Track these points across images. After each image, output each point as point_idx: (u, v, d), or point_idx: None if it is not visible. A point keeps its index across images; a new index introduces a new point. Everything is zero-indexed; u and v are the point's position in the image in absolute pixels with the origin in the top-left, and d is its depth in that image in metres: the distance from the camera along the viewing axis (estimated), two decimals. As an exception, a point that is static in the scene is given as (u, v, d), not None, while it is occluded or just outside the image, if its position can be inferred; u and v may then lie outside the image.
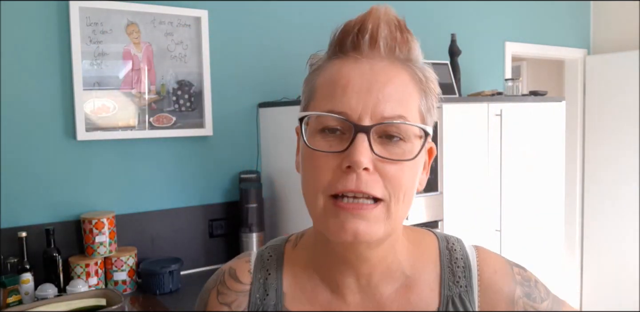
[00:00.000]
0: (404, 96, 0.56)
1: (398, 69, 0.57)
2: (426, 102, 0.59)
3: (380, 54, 0.57)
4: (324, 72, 0.59)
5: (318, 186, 0.55)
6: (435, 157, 0.63)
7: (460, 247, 0.66)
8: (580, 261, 3.90)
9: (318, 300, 0.63)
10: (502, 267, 0.64)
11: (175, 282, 1.96)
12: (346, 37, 0.58)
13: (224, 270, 0.70)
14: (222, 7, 2.28)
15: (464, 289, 0.62)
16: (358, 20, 0.58)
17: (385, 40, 0.57)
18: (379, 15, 0.57)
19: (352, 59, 0.57)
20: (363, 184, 0.53)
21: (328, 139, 0.55)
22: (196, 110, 2.21)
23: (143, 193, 2.13)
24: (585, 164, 3.87)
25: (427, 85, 0.60)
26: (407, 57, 0.58)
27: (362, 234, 0.54)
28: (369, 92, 0.54)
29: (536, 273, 0.74)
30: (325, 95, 0.57)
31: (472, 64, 3.14)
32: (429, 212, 2.35)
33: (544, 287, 0.67)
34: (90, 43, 1.98)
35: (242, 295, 0.66)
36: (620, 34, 3.79)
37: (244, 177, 2.23)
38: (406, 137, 0.55)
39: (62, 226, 1.94)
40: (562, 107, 2.94)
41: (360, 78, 0.55)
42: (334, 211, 0.54)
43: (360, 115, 0.54)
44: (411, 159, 0.55)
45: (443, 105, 2.38)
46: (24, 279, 1.73)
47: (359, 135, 0.53)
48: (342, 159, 0.53)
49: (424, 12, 2.95)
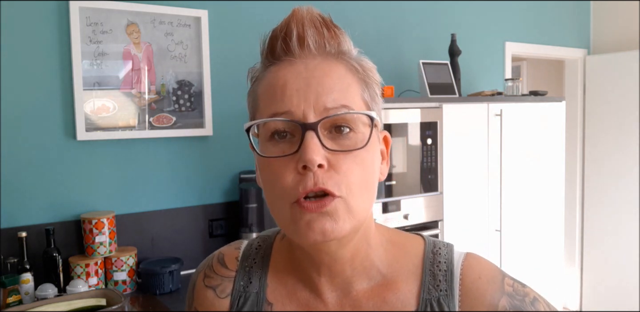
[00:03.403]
0: (344, 87, 0.56)
1: (332, 63, 0.58)
2: (368, 91, 0.59)
3: (312, 52, 0.58)
4: (262, 81, 0.59)
5: (280, 192, 0.55)
6: (435, 157, 0.63)
7: (446, 252, 0.64)
8: (580, 261, 3.90)
9: (296, 296, 0.65)
10: (488, 274, 0.62)
11: (175, 282, 1.96)
12: (275, 43, 0.59)
13: (215, 255, 0.72)
14: (222, 7, 2.28)
15: (444, 293, 0.61)
16: (283, 24, 0.59)
17: (313, 38, 0.57)
18: (302, 15, 0.58)
19: (286, 62, 0.58)
20: (320, 181, 0.53)
21: (279, 145, 0.56)
22: (196, 110, 2.21)
23: (143, 193, 2.13)
24: (585, 164, 3.87)
25: (366, 74, 0.60)
26: (339, 51, 0.59)
27: (330, 231, 0.54)
28: (308, 87, 0.55)
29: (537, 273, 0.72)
30: (267, 100, 0.57)
31: (472, 64, 3.14)
32: (429, 212, 2.35)
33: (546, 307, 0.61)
34: (90, 43, 1.98)
35: (227, 281, 0.68)
36: (620, 34, 3.79)
37: (244, 177, 2.23)
38: (355, 128, 0.56)
39: (62, 226, 1.94)
40: (562, 107, 2.94)
41: (297, 77, 0.56)
42: (299, 214, 0.54)
43: (304, 111, 0.54)
44: (363, 147, 0.55)
45: (443, 105, 2.38)
46: (24, 279, 1.73)
47: (308, 134, 0.53)
48: (297, 161, 0.54)
49: (424, 12, 2.95)
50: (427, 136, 2.30)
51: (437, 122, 2.34)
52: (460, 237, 2.49)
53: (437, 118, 2.35)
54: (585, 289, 3.88)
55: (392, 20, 2.82)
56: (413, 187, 2.29)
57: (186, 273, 2.13)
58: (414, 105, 2.30)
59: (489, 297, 0.59)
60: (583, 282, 3.89)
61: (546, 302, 0.62)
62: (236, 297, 0.66)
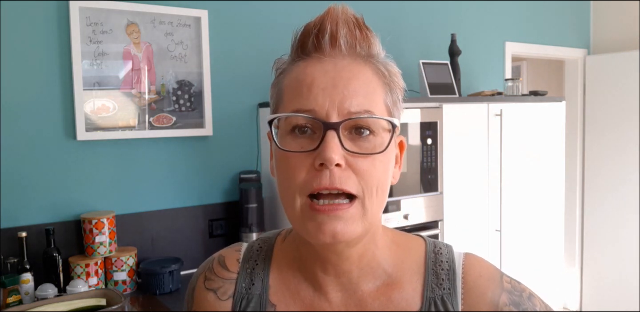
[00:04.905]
0: (369, 91, 0.57)
1: (361, 65, 0.58)
2: (391, 96, 0.60)
3: (342, 52, 0.58)
4: (289, 75, 0.60)
5: (294, 186, 0.56)
6: (435, 157, 0.64)
7: (447, 252, 0.66)
8: (580, 261, 3.90)
9: (300, 296, 0.65)
10: (488, 273, 0.64)
11: (175, 282, 1.96)
12: (307, 38, 0.59)
13: (214, 257, 0.72)
14: (222, 7, 2.28)
15: (447, 292, 0.62)
16: (317, 21, 0.59)
17: (345, 39, 0.58)
18: (337, 14, 0.58)
19: (315, 59, 0.58)
20: (337, 181, 0.54)
21: (298, 139, 0.56)
22: (196, 110, 2.21)
23: (143, 193, 2.13)
24: (585, 164, 3.87)
25: (391, 79, 0.60)
26: (369, 53, 0.59)
27: (341, 234, 0.55)
28: (334, 88, 0.55)
29: (537, 273, 0.74)
30: (292, 95, 0.58)
31: (472, 64, 3.14)
32: (429, 212, 2.35)
33: (541, 303, 0.65)
34: (90, 43, 1.98)
35: (229, 283, 0.68)
36: (620, 34, 3.79)
37: (244, 177, 2.23)
38: (375, 131, 0.56)
39: (62, 226, 1.94)
40: (562, 107, 2.94)
41: (325, 76, 0.56)
42: (311, 214, 0.55)
43: (327, 111, 0.55)
44: (381, 152, 0.56)
45: (443, 105, 2.38)
46: (24, 279, 1.73)
47: (329, 133, 0.54)
48: (315, 158, 0.54)
49: (424, 12, 2.95)
50: (427, 136, 2.30)
51: (437, 122, 2.35)
52: (460, 237, 2.49)
53: (437, 118, 2.35)
54: (585, 289, 3.88)
55: (392, 20, 2.82)
56: (413, 187, 2.29)
57: (186, 273, 2.13)
58: (414, 105, 2.31)
59: (490, 294, 0.62)
60: (583, 282, 3.89)
61: (540, 298, 0.66)
62: (238, 299, 0.66)
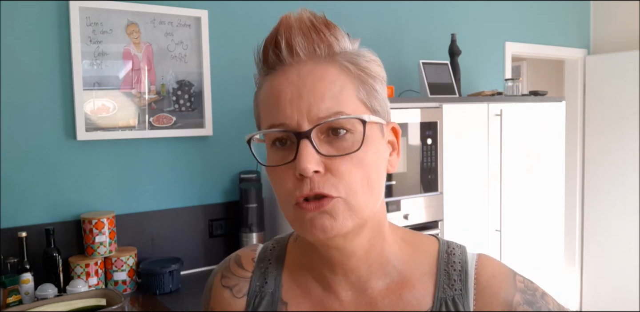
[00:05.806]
0: (336, 91, 0.57)
1: (324, 67, 0.58)
2: (364, 88, 0.59)
3: (302, 59, 0.58)
4: (262, 90, 0.62)
5: (283, 197, 0.58)
6: (435, 157, 0.64)
7: (460, 252, 0.66)
8: (581, 261, 3.90)
9: (310, 295, 0.66)
10: (501, 272, 0.64)
11: (175, 282, 1.96)
12: (266, 53, 0.60)
13: (232, 256, 0.75)
14: (222, 7, 2.28)
15: (459, 293, 0.63)
16: (272, 34, 0.60)
17: (301, 45, 0.58)
18: (289, 23, 0.58)
19: (279, 71, 0.59)
20: (317, 187, 0.55)
21: (280, 152, 0.58)
22: (196, 110, 2.21)
23: (143, 193, 2.13)
24: (585, 164, 3.87)
25: (361, 71, 0.60)
26: (329, 53, 0.59)
27: (330, 228, 0.56)
28: (300, 98, 0.56)
29: (536, 273, 0.74)
30: (266, 111, 0.60)
31: (472, 64, 3.14)
32: (429, 212, 2.35)
33: (554, 302, 0.65)
34: (90, 43, 1.98)
35: (244, 281, 0.70)
36: (620, 34, 3.80)
37: (244, 177, 2.23)
38: (351, 129, 0.57)
39: (62, 226, 1.94)
40: (562, 107, 2.94)
41: (290, 86, 0.57)
42: (303, 214, 0.57)
43: (298, 122, 0.56)
44: (356, 151, 0.56)
45: (443, 105, 2.38)
46: (24, 279, 1.73)
47: (302, 142, 0.55)
48: (295, 169, 0.56)
49: (424, 12, 2.95)
50: (427, 136, 2.30)
51: (437, 122, 2.34)
52: (460, 237, 2.49)
53: (437, 118, 2.35)
54: (585, 289, 3.88)
55: (392, 20, 2.82)
56: (413, 187, 2.29)
57: (186, 273, 2.14)
58: (414, 105, 2.31)
59: (504, 294, 0.62)
60: (583, 282, 3.89)
61: (552, 297, 0.66)
62: (252, 297, 0.68)
